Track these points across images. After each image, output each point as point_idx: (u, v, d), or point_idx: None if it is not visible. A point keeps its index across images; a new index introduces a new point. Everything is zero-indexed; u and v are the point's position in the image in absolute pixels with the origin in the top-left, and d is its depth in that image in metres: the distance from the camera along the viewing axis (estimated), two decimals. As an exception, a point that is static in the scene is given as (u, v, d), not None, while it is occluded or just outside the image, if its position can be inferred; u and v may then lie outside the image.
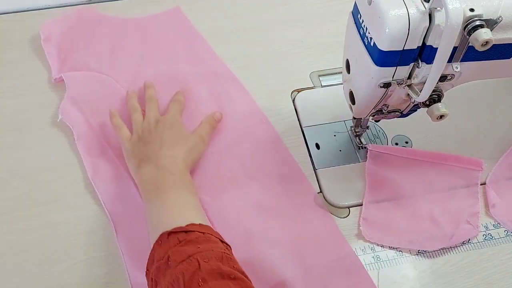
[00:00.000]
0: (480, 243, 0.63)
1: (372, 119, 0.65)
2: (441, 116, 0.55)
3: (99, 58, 0.78)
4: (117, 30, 0.82)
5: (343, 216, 0.64)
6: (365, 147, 0.69)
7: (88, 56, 0.78)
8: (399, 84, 0.54)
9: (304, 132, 0.72)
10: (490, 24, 0.49)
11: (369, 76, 0.53)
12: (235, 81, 0.77)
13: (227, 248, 0.52)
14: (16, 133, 0.71)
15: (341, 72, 0.70)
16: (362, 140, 0.70)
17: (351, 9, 0.55)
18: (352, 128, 0.70)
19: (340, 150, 0.70)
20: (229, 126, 0.71)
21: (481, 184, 0.67)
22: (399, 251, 0.62)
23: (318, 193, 0.66)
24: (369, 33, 0.51)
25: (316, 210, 0.65)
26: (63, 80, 0.75)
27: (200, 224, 0.53)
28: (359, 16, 0.53)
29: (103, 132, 0.70)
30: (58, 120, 0.70)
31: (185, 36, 0.83)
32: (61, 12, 0.85)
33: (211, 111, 0.71)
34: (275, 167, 0.68)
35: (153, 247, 0.52)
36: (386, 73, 0.52)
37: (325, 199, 0.66)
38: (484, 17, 0.48)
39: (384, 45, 0.49)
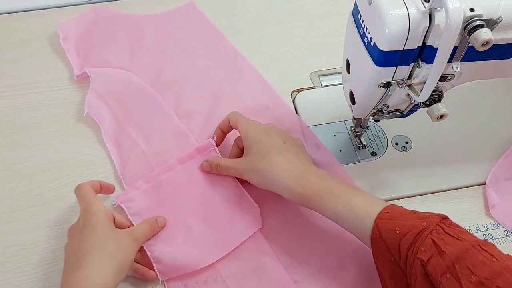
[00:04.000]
0: (480, 243, 0.62)
1: (372, 119, 0.64)
2: (441, 116, 0.55)
3: (120, 55, 0.79)
4: (134, 27, 0.83)
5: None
6: (364, 147, 0.69)
7: (108, 53, 0.79)
8: (399, 84, 0.54)
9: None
10: (490, 24, 0.49)
11: (369, 76, 0.53)
12: (255, 74, 0.78)
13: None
14: (15, 132, 0.71)
15: (341, 72, 0.71)
16: (362, 140, 0.70)
17: (351, 9, 0.55)
18: (352, 128, 0.70)
19: (340, 150, 0.70)
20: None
21: (481, 184, 0.67)
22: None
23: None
24: (369, 33, 0.51)
25: None
26: (84, 76, 0.75)
27: None
28: (359, 16, 0.53)
29: (131, 126, 0.70)
30: (84, 115, 0.71)
31: (202, 31, 0.84)
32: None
33: (232, 110, 0.70)
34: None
35: None
36: (386, 73, 0.52)
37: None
38: (484, 17, 0.48)
39: (384, 45, 0.49)
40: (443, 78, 0.54)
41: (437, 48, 0.48)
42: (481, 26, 0.47)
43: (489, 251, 0.47)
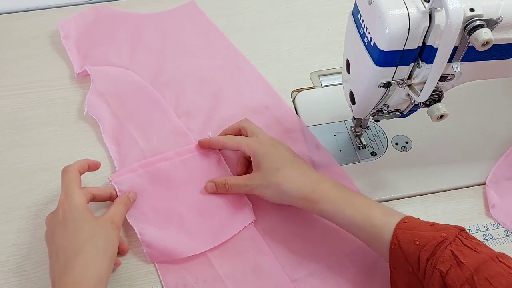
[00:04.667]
0: (480, 243, 0.62)
1: (372, 119, 0.64)
2: (441, 116, 0.55)
3: (120, 54, 0.79)
4: (134, 25, 0.83)
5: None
6: (364, 147, 0.69)
7: (109, 52, 0.79)
8: (399, 84, 0.54)
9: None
10: (490, 24, 0.49)
11: (369, 76, 0.53)
12: (255, 73, 0.78)
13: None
14: (15, 132, 0.71)
15: (341, 72, 0.71)
16: (362, 140, 0.70)
17: (351, 9, 0.55)
18: (352, 128, 0.70)
19: (340, 150, 0.70)
20: (253, 120, 0.71)
21: (481, 184, 0.67)
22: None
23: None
24: (369, 33, 0.51)
25: None
26: (84, 75, 0.76)
27: None
28: (359, 16, 0.53)
29: (131, 124, 0.70)
30: (84, 114, 0.71)
31: (202, 30, 0.84)
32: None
33: (231, 110, 0.70)
34: (306, 156, 0.69)
35: None
36: (386, 73, 0.52)
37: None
38: (484, 17, 0.48)
39: (384, 45, 0.49)
40: (443, 78, 0.54)
41: (437, 48, 0.48)
42: (481, 26, 0.47)
43: (506, 263, 0.47)
